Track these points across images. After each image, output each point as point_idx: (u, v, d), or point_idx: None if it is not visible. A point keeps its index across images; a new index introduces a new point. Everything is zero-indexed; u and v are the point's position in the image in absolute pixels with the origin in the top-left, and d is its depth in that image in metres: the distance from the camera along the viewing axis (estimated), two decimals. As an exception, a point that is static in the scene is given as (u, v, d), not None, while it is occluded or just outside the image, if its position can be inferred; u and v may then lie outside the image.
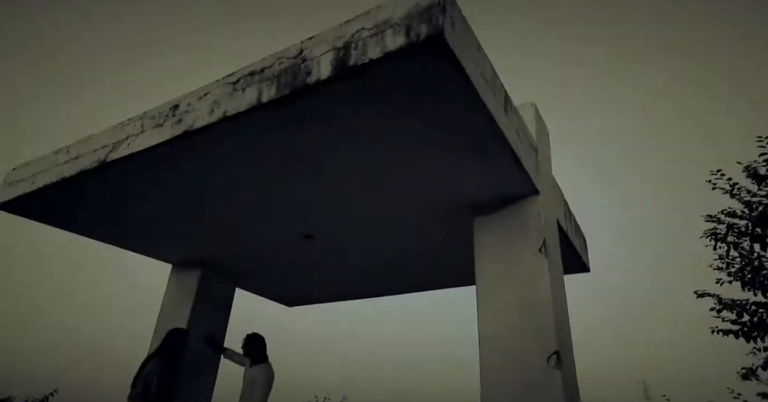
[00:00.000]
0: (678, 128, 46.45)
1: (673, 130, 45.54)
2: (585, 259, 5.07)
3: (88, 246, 5.96)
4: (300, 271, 5.79)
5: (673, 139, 47.15)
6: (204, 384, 5.23)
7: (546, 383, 2.95)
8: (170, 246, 5.19)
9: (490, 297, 3.45)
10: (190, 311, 5.20)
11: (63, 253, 45.72)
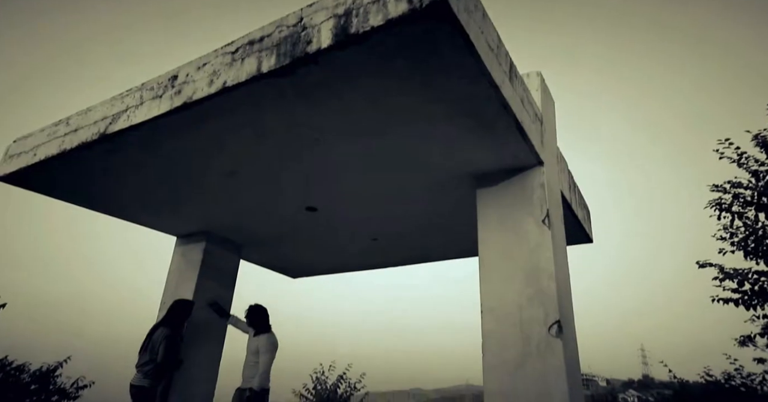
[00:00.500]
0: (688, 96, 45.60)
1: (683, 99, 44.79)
2: (588, 229, 5.07)
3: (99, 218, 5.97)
4: (303, 242, 5.83)
5: (682, 108, 46.41)
6: (212, 352, 5.35)
7: (547, 351, 3.01)
8: (174, 218, 5.21)
9: (492, 267, 3.47)
10: (195, 282, 5.28)
11: (74, 225, 45.16)
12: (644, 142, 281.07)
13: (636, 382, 49.77)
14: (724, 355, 6.94)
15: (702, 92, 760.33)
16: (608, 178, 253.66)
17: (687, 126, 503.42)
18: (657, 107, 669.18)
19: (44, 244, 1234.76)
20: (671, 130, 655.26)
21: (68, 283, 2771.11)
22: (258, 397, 4.62)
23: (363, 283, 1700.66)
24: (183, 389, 4.89)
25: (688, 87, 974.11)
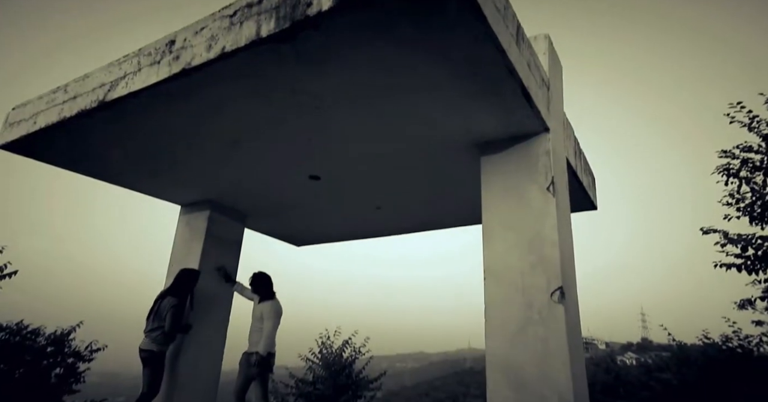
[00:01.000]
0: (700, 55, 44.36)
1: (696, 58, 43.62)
2: (593, 196, 5.05)
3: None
4: (307, 211, 5.84)
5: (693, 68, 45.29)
6: (219, 317, 5.48)
7: (549, 317, 3.05)
8: (177, 187, 5.21)
9: (496, 235, 3.48)
10: (200, 251, 5.34)
11: (86, 194, 45.36)
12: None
13: (635, 345, 50.93)
14: (723, 319, 7.06)
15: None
16: (613, 146, 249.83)
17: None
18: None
19: (56, 212, 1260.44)
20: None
21: (79, 251, 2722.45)
22: (264, 360, 4.76)
23: (368, 250, 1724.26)
24: (192, 352, 5.04)
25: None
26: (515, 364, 3.07)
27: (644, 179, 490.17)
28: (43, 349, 6.44)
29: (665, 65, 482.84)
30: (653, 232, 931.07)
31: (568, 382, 2.85)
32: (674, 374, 7.15)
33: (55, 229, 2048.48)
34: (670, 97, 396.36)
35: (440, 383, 70.16)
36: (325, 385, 9.55)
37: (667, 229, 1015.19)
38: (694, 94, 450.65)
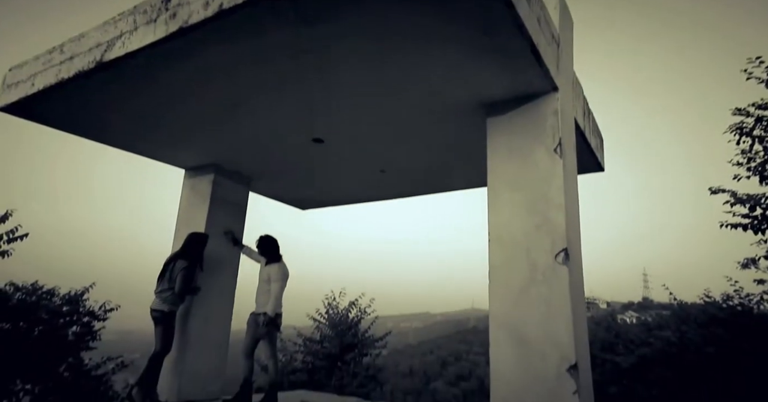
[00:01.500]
0: (713, 16, 42.57)
1: (709, 18, 41.90)
2: (600, 158, 4.98)
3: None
4: (312, 175, 5.82)
5: (707, 28, 43.57)
6: (227, 279, 5.58)
7: (553, 278, 3.08)
8: (179, 151, 5.19)
9: (501, 197, 3.46)
10: (206, 214, 5.37)
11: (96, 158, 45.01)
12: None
13: (635, 304, 51.78)
14: (725, 278, 7.11)
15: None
16: (622, 107, 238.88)
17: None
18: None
19: (63, 174, 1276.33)
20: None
21: (87, 213, 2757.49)
22: (272, 321, 4.89)
23: (373, 213, 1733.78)
24: (202, 313, 5.18)
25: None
26: (518, 323, 3.12)
27: (652, 141, 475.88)
28: (58, 309, 6.64)
29: (680, 21, 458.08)
30: (659, 194, 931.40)
31: (569, 341, 2.91)
32: (674, 332, 7.30)
33: (64, 192, 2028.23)
34: (682, 53, 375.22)
35: (444, 342, 72.35)
36: (331, 344, 9.86)
37: (674, 191, 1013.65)
38: (708, 50, 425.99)
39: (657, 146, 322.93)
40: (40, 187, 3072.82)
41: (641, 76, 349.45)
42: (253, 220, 6.06)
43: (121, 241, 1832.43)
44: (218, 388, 5.26)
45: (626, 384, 6.97)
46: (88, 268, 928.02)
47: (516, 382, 3.02)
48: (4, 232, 6.09)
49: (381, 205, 7.73)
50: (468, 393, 43.05)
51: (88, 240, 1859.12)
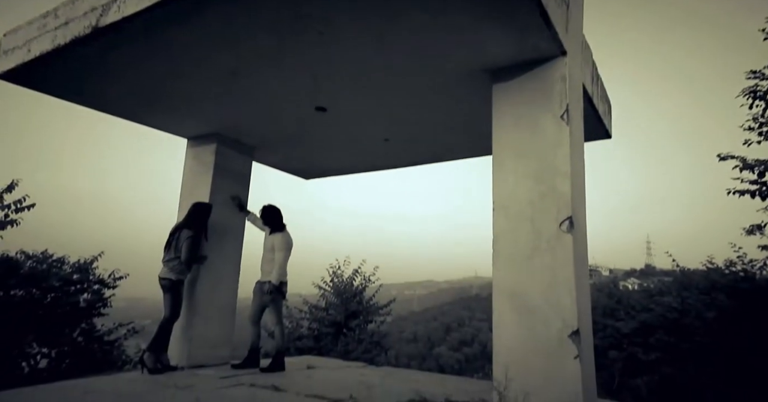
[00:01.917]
0: (730, -24, 40.61)
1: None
2: (608, 125, 4.89)
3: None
4: (315, 144, 5.77)
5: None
6: (232, 247, 5.64)
7: (557, 246, 3.08)
8: (180, 120, 5.13)
9: (506, 165, 3.42)
10: (210, 184, 5.37)
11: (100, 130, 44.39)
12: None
13: (638, 271, 52.17)
14: (729, 245, 7.11)
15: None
16: (629, 66, 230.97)
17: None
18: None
19: (67, 144, 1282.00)
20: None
21: (92, 183, 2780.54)
22: (277, 289, 4.97)
23: (377, 183, 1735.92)
24: (208, 281, 5.26)
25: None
26: (521, 291, 3.15)
27: (660, 106, 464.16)
28: (69, 277, 6.78)
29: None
30: (666, 161, 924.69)
31: (572, 308, 2.94)
32: (675, 298, 7.36)
33: (69, 163, 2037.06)
34: (697, 13, 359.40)
35: (448, 308, 73.77)
36: (336, 311, 10.05)
37: (680, 159, 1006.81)
38: (726, 9, 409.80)
39: (665, 112, 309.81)
40: (45, 158, 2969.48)
41: (651, 37, 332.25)
42: (257, 190, 6.07)
43: (128, 211, 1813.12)
44: (227, 353, 5.41)
45: (626, 348, 7.10)
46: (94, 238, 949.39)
47: (518, 347, 3.08)
48: (12, 201, 6.15)
49: (386, 174, 7.67)
50: (471, 358, 44.15)
51: (94, 210, 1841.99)
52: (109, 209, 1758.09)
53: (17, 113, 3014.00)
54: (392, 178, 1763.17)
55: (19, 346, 6.07)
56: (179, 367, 4.90)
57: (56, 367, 6.34)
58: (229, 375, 4.64)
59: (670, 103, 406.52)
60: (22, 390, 3.91)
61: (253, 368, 5.00)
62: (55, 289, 6.46)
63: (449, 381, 5.12)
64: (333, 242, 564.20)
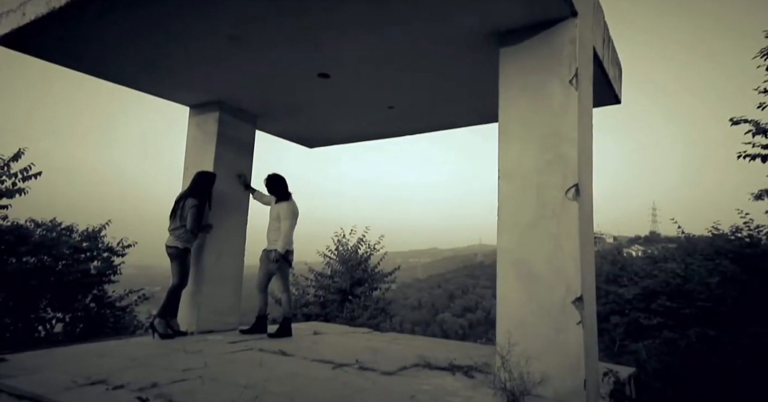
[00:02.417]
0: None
1: None
2: (617, 89, 4.77)
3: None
4: (318, 112, 5.69)
5: None
6: (238, 215, 5.67)
7: (562, 214, 3.06)
8: (180, 88, 5.06)
9: (512, 132, 3.37)
10: (213, 153, 5.35)
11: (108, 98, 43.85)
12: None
13: (642, 238, 52.29)
14: (736, 211, 7.05)
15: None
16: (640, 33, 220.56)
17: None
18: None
19: (71, 111, 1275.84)
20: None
21: (96, 152, 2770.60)
22: (283, 258, 5.03)
23: (381, 152, 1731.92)
24: (215, 249, 5.32)
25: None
26: (526, 259, 3.16)
27: (669, 69, 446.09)
28: (78, 245, 6.88)
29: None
30: (675, 127, 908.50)
31: (576, 275, 2.95)
32: (679, 264, 7.39)
33: (74, 131, 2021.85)
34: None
35: (451, 276, 74.79)
36: (342, 279, 10.20)
37: (689, 125, 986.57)
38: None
39: (676, 74, 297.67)
40: (50, 126, 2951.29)
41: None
42: (264, 159, 6.04)
43: (133, 180, 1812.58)
44: (235, 319, 5.53)
45: (628, 313, 7.21)
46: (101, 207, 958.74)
47: (521, 313, 3.11)
48: (18, 170, 6.17)
49: (391, 142, 7.58)
50: (474, 324, 45.05)
51: (99, 178, 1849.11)
52: (115, 178, 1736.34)
53: (14, 78, 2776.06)
54: (397, 146, 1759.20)
55: (34, 310, 6.24)
56: (189, 332, 5.03)
57: (71, 332, 6.53)
58: (237, 340, 4.76)
59: (681, 65, 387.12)
60: (39, 352, 4.04)
61: (261, 334, 5.12)
62: (65, 256, 6.57)
63: (453, 346, 5.24)
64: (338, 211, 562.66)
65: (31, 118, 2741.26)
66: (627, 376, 3.95)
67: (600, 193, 67.18)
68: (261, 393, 2.82)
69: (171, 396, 2.74)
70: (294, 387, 3.06)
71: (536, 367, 2.89)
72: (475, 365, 3.77)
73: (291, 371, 3.51)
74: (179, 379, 3.15)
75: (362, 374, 3.50)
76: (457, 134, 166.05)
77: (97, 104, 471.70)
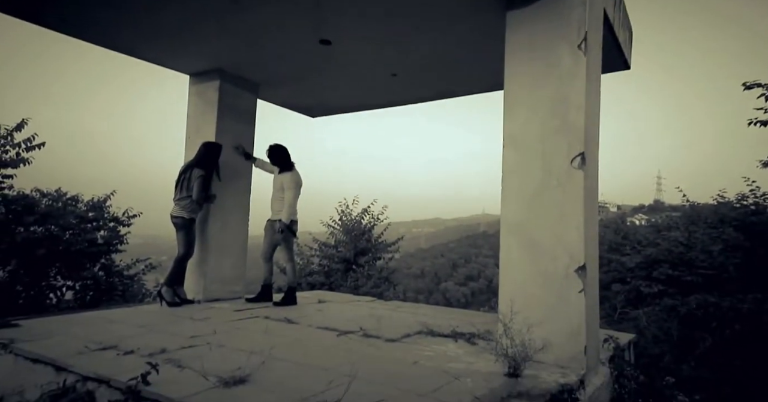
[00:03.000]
0: None
1: None
2: (627, 54, 4.63)
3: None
4: (321, 80, 5.58)
5: None
6: (241, 185, 5.67)
7: (567, 182, 3.03)
8: (182, 54, 4.95)
9: (518, 99, 3.30)
10: (215, 122, 5.30)
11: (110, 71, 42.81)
12: None
13: (646, 207, 52.15)
14: (743, 178, 6.96)
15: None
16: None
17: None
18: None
19: (71, 80, 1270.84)
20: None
21: (102, 119, 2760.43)
22: (287, 228, 5.05)
23: (384, 122, 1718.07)
24: (220, 218, 5.35)
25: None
26: (529, 228, 3.15)
27: (680, 32, 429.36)
28: (84, 214, 6.93)
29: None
30: (684, 92, 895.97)
31: (579, 244, 2.95)
32: (682, 232, 7.38)
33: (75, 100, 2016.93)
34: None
35: (454, 245, 75.38)
36: (346, 249, 10.29)
37: (700, 90, 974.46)
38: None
39: (687, 37, 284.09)
40: (53, 95, 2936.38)
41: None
42: (266, 129, 5.97)
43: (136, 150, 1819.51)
44: (241, 288, 5.62)
45: (630, 281, 7.26)
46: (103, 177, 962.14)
47: (524, 281, 3.14)
48: (22, 140, 6.14)
49: (394, 111, 7.49)
50: (476, 292, 45.72)
51: (102, 148, 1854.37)
52: (118, 149, 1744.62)
53: (13, 45, 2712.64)
54: (401, 115, 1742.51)
55: (45, 278, 6.35)
56: (196, 300, 5.12)
57: (81, 299, 6.67)
58: (243, 308, 4.84)
59: (693, 28, 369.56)
60: (51, 318, 4.14)
61: (267, 302, 5.21)
62: (72, 226, 6.63)
63: (455, 314, 5.32)
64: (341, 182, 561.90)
65: (31, 88, 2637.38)
66: (627, 342, 4.02)
67: (605, 162, 65.90)
68: (267, 359, 2.89)
69: (180, 361, 2.80)
70: (299, 353, 3.13)
71: (538, 334, 2.93)
72: (477, 332, 3.83)
73: (296, 338, 3.59)
74: (187, 346, 3.23)
75: (366, 341, 3.57)
76: (463, 101, 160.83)
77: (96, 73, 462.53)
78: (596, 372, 3.11)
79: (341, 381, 2.46)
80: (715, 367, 4.41)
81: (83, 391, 2.49)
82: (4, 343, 3.16)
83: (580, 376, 2.81)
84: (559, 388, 2.56)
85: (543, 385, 2.59)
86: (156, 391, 2.29)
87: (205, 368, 2.62)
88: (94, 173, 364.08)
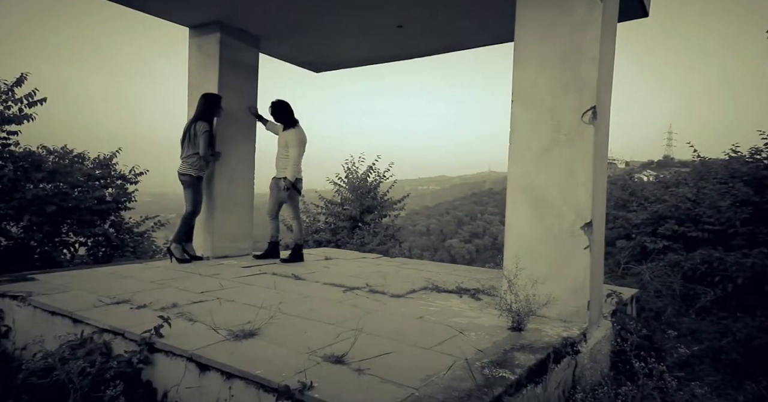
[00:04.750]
0: None
1: None
2: (646, 0, 4.40)
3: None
4: (324, 32, 5.38)
5: None
6: (246, 143, 5.62)
7: (577, 138, 2.96)
8: (180, 5, 4.77)
9: (528, 50, 3.16)
10: (216, 76, 5.18)
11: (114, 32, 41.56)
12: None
13: (655, 163, 51.45)
14: (758, 132, 6.76)
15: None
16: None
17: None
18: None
19: (77, 36, 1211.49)
20: None
21: (105, 77, 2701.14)
22: (292, 186, 5.04)
23: (388, 78, 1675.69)
24: (225, 176, 5.34)
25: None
26: (536, 185, 3.12)
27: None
28: (92, 172, 6.94)
29: None
30: (702, 44, 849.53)
31: (587, 201, 2.92)
32: (691, 188, 7.26)
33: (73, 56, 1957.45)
34: None
35: (460, 203, 75.57)
36: (352, 206, 10.33)
37: (719, 42, 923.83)
38: None
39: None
40: (48, 50, 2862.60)
41: None
42: (270, 85, 5.84)
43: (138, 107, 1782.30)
44: (248, 245, 5.69)
45: (635, 237, 7.26)
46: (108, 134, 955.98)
47: (530, 237, 3.14)
48: (23, 95, 6.05)
49: (400, 66, 7.23)
50: (481, 249, 46.27)
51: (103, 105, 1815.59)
52: (120, 105, 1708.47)
53: (18, 3, 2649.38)
54: (406, 70, 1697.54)
55: (57, 235, 6.46)
56: (204, 257, 5.21)
57: (94, 254, 6.81)
58: (251, 265, 4.93)
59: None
60: (65, 273, 4.25)
61: (274, 259, 5.29)
62: (80, 183, 6.67)
63: (460, 270, 5.39)
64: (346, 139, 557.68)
65: (27, 42, 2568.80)
66: (629, 297, 4.07)
67: (615, 117, 64.02)
68: (276, 313, 2.96)
69: (191, 315, 2.88)
70: (307, 308, 3.20)
71: (542, 290, 2.96)
72: (481, 288, 3.89)
73: (304, 294, 3.66)
74: (198, 301, 3.31)
75: (372, 297, 3.64)
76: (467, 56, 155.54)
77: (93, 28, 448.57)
78: (598, 326, 3.17)
79: (348, 335, 2.52)
80: (715, 320, 4.48)
81: (100, 342, 2.58)
82: (23, 296, 3.27)
83: (583, 329, 2.87)
84: (562, 341, 2.62)
85: (546, 339, 2.64)
86: (169, 343, 2.37)
87: (216, 322, 2.69)
88: (97, 130, 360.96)
